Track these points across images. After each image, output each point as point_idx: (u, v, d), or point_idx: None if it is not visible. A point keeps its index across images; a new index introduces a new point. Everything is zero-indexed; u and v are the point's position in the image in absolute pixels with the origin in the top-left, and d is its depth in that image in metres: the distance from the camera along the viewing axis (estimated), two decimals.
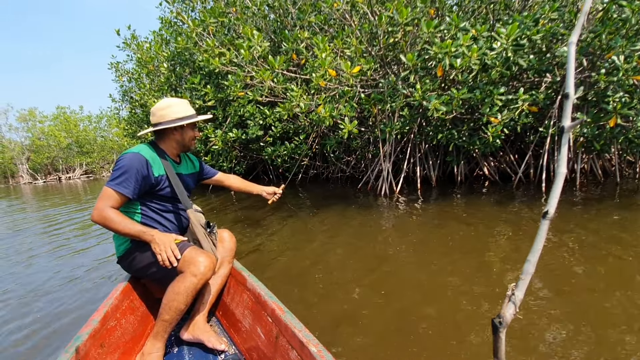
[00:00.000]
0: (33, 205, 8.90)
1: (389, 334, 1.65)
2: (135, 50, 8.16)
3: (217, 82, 6.72)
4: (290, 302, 1.95)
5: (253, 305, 1.56)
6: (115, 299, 1.47)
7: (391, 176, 5.44)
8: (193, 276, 1.41)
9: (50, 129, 17.41)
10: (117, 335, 1.40)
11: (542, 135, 4.79)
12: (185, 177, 1.79)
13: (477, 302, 1.85)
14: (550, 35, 4.03)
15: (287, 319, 1.27)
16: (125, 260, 1.63)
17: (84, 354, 1.16)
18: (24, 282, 2.80)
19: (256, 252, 3.05)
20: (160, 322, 1.41)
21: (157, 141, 1.71)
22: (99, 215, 1.44)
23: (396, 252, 2.74)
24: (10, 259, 3.57)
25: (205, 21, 4.99)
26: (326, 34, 5.78)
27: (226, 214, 4.90)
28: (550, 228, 2.92)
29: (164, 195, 1.65)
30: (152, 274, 1.57)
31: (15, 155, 17.65)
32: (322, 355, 1.04)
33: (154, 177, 1.58)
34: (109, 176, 1.55)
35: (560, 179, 0.52)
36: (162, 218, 1.66)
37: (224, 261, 1.80)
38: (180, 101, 1.69)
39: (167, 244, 1.45)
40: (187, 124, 1.68)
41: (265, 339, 1.40)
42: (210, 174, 2.08)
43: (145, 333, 1.60)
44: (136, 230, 1.46)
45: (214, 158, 7.21)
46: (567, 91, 0.55)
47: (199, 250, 1.50)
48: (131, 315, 1.56)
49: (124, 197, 1.49)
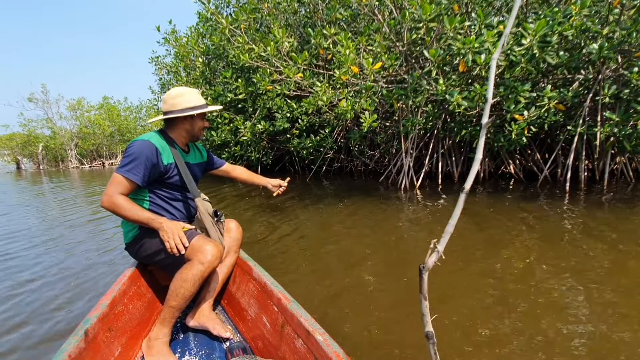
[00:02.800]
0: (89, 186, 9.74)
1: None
2: (174, 44, 8.65)
3: (248, 76, 7.02)
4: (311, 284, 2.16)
5: (259, 294, 1.58)
6: (123, 285, 1.50)
7: (412, 171, 5.51)
8: (200, 264, 1.42)
9: (96, 117, 18.68)
10: (124, 320, 1.42)
11: (570, 133, 4.66)
12: (193, 167, 1.79)
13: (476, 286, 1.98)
14: (582, 31, 3.92)
15: (293, 308, 1.28)
16: (133, 247, 1.64)
17: (93, 337, 1.18)
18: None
19: (278, 235, 3.30)
20: (167, 309, 1.43)
21: (167, 129, 1.71)
22: (109, 201, 1.45)
23: (410, 241, 2.88)
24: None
25: (237, 19, 5.26)
26: (354, 29, 5.89)
27: (252, 198, 5.19)
28: (578, 228, 2.94)
29: (172, 184, 1.65)
30: (159, 261, 1.58)
31: (65, 141, 19.10)
32: (328, 344, 1.04)
33: (163, 165, 1.58)
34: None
35: (476, 164, 0.68)
36: (170, 206, 1.67)
37: (230, 250, 1.82)
38: (192, 90, 1.69)
39: (175, 231, 1.46)
40: (197, 114, 1.68)
41: (270, 328, 1.41)
42: (217, 165, 2.08)
43: (152, 319, 1.63)
44: (145, 217, 1.47)
45: (243, 148, 7.55)
46: (486, 95, 0.70)
47: (207, 239, 1.51)
48: (138, 301, 1.58)
49: (133, 184, 1.50)
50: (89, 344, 1.14)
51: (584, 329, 1.57)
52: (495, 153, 5.96)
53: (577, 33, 3.87)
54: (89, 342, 1.14)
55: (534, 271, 2.18)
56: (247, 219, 4.01)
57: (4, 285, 2.49)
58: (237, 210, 4.58)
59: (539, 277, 2.09)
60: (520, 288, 1.99)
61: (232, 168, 2.15)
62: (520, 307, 1.78)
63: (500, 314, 1.73)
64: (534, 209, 3.64)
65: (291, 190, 5.81)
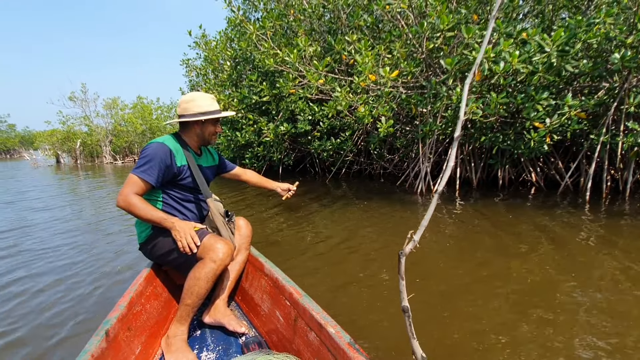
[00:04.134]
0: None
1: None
2: (204, 48, 9.08)
3: (273, 80, 7.29)
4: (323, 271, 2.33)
5: (271, 289, 1.63)
6: (139, 285, 1.54)
7: (429, 176, 5.57)
8: (212, 262, 1.46)
9: (129, 116, 19.68)
10: (142, 319, 1.46)
11: (594, 142, 4.59)
12: (205, 169, 1.83)
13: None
14: (606, 39, 3.88)
15: (305, 302, 1.31)
16: (146, 247, 1.68)
17: (113, 337, 1.22)
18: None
19: (296, 231, 3.49)
20: (182, 307, 1.47)
21: (181, 132, 1.76)
22: (124, 200, 1.50)
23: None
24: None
25: (265, 26, 5.52)
26: (376, 34, 6.02)
27: (273, 197, 5.42)
28: (598, 240, 2.92)
29: (185, 185, 1.69)
30: (172, 260, 1.62)
31: (101, 138, 20.24)
32: (340, 336, 1.06)
33: (176, 166, 1.63)
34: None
35: (448, 169, 0.82)
36: (183, 207, 1.71)
37: (241, 248, 1.86)
38: (205, 96, 1.71)
39: (186, 231, 1.51)
40: (207, 120, 1.71)
41: (284, 322, 1.45)
42: (228, 168, 2.13)
43: (169, 317, 1.68)
44: (158, 217, 1.52)
45: (265, 149, 7.83)
46: (459, 114, 0.84)
47: (217, 238, 1.55)
48: (155, 300, 1.63)
49: (148, 184, 1.55)
50: (110, 343, 1.18)
51: (597, 335, 1.65)
52: (516, 160, 5.91)
53: (601, 41, 3.84)
54: (110, 342, 1.18)
55: (548, 281, 2.24)
56: (266, 217, 4.23)
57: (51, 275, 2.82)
58: (256, 208, 4.82)
59: (551, 287, 2.14)
60: (532, 294, 2.05)
61: (242, 172, 2.20)
62: (534, 314, 1.87)
63: (512, 319, 1.81)
64: (552, 218, 3.64)
65: (310, 191, 6.01)
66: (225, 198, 5.71)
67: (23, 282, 2.52)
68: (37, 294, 2.33)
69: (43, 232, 3.91)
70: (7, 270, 2.78)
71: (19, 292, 2.37)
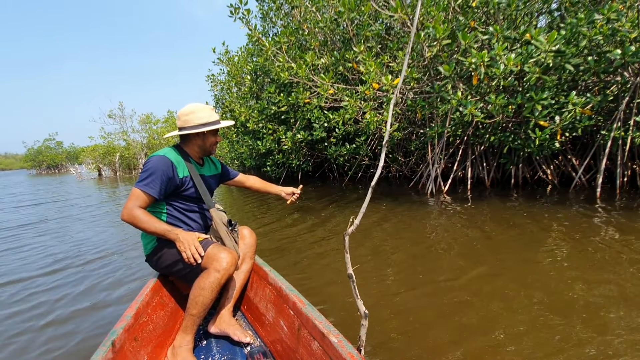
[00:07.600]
0: None
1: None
2: (227, 63, 9.69)
3: (289, 90, 7.70)
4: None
5: (275, 299, 1.62)
6: (145, 296, 1.53)
7: (440, 177, 5.71)
8: (216, 272, 1.46)
9: (161, 129, 20.95)
10: (149, 330, 1.46)
11: (605, 138, 4.58)
12: (208, 179, 1.84)
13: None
14: (610, 35, 3.91)
15: (307, 311, 1.30)
16: (152, 258, 1.69)
17: (120, 347, 1.21)
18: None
19: (309, 231, 3.80)
20: (188, 317, 1.47)
21: (182, 144, 1.76)
22: (128, 214, 1.51)
23: (427, 242, 3.21)
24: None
25: (280, 42, 5.92)
26: (383, 44, 6.27)
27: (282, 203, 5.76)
28: (608, 237, 2.90)
29: (188, 196, 1.70)
30: (178, 271, 1.63)
31: (137, 151, 21.65)
32: (342, 345, 1.06)
33: (178, 178, 1.63)
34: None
35: (379, 169, 1.09)
36: (187, 217, 1.71)
37: (246, 257, 1.86)
38: (204, 107, 1.72)
39: (190, 242, 1.52)
40: (208, 131, 1.72)
41: (288, 331, 1.44)
42: (231, 175, 2.12)
43: (175, 327, 1.67)
44: (162, 229, 1.53)
45: (285, 156, 8.23)
46: (386, 123, 1.11)
47: (221, 247, 1.55)
48: (161, 310, 1.62)
49: (151, 197, 1.55)
50: (116, 354, 1.18)
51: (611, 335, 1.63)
52: (531, 159, 5.91)
53: (606, 37, 3.86)
54: (116, 352, 1.18)
55: (561, 279, 2.21)
56: (282, 219, 4.57)
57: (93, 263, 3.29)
58: (274, 210, 5.17)
59: (563, 286, 2.12)
60: (543, 290, 2.07)
61: (245, 178, 2.19)
62: (544, 312, 1.99)
63: (521, 316, 1.88)
64: (566, 215, 3.68)
65: (326, 195, 6.31)
66: (248, 203, 6.12)
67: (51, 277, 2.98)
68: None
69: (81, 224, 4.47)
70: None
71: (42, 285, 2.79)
